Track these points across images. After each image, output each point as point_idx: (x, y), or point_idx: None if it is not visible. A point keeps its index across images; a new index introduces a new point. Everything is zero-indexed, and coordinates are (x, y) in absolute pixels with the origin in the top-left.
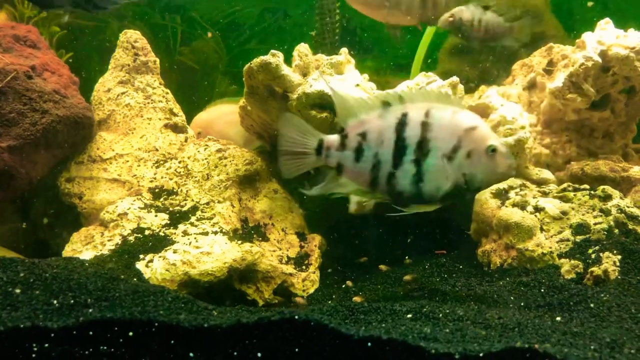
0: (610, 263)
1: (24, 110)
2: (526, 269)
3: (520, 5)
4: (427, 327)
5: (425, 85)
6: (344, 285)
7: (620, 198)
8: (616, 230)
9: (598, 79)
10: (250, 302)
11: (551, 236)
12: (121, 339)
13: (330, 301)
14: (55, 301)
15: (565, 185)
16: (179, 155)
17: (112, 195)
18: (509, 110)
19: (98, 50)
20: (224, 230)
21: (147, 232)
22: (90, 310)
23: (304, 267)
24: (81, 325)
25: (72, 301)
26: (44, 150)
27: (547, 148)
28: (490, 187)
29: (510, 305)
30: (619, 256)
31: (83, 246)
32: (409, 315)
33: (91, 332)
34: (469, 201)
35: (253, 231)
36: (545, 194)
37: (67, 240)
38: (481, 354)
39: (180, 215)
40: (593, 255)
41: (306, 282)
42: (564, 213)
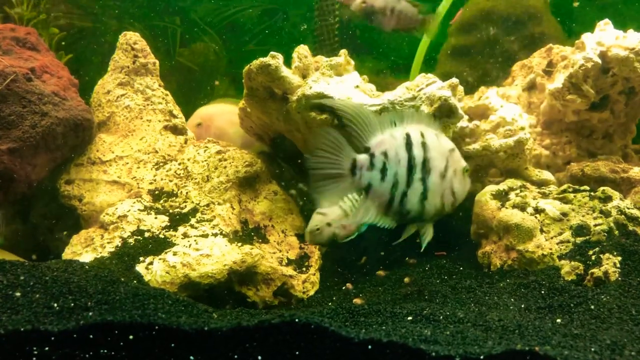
0: (610, 264)
1: (23, 113)
2: (526, 270)
3: (520, 6)
4: (428, 330)
5: (424, 87)
6: (344, 287)
7: (620, 199)
8: (616, 232)
9: (598, 80)
10: (251, 304)
11: (551, 237)
12: (121, 343)
13: (331, 303)
14: (55, 304)
15: (565, 186)
16: (178, 157)
17: (112, 197)
18: (508, 112)
19: (97, 52)
20: (224, 232)
21: (147, 235)
22: (91, 313)
23: (304, 269)
24: (81, 329)
25: (73, 304)
26: (44, 153)
27: (547, 149)
28: (491, 189)
29: (511, 307)
30: (620, 257)
31: (83, 248)
32: (410, 318)
33: (91, 336)
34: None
35: (253, 233)
36: (545, 195)
37: (67, 243)
38: (482, 357)
39: (180, 217)
40: (593, 257)
41: (306, 284)
42: (564, 214)
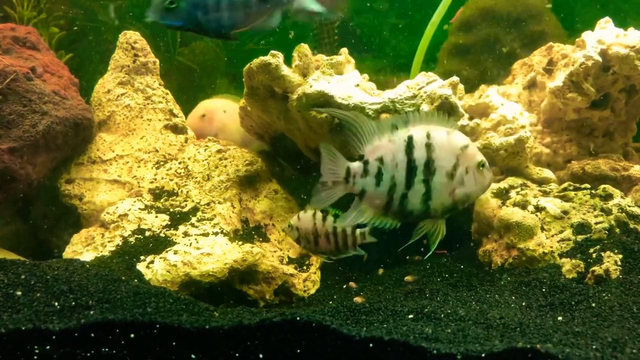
0: (611, 262)
1: (23, 112)
2: (527, 268)
3: (520, 4)
4: (429, 328)
5: (425, 86)
6: (345, 286)
7: (621, 197)
8: (617, 230)
9: (598, 78)
10: (251, 303)
11: (552, 236)
12: (123, 341)
13: (332, 302)
14: (56, 303)
15: (566, 184)
16: (179, 156)
17: (113, 196)
18: (509, 110)
19: (98, 51)
20: (225, 231)
21: (148, 233)
22: (92, 312)
23: (304, 268)
24: (83, 328)
25: (74, 303)
26: (44, 152)
27: (548, 147)
28: (492, 187)
29: (512, 305)
30: (620, 255)
31: (84, 247)
32: (411, 316)
33: (92, 334)
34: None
35: (254, 232)
36: (546, 194)
37: (68, 242)
38: (483, 355)
39: (181, 216)
40: (594, 255)
41: (307, 283)
42: (565, 212)
